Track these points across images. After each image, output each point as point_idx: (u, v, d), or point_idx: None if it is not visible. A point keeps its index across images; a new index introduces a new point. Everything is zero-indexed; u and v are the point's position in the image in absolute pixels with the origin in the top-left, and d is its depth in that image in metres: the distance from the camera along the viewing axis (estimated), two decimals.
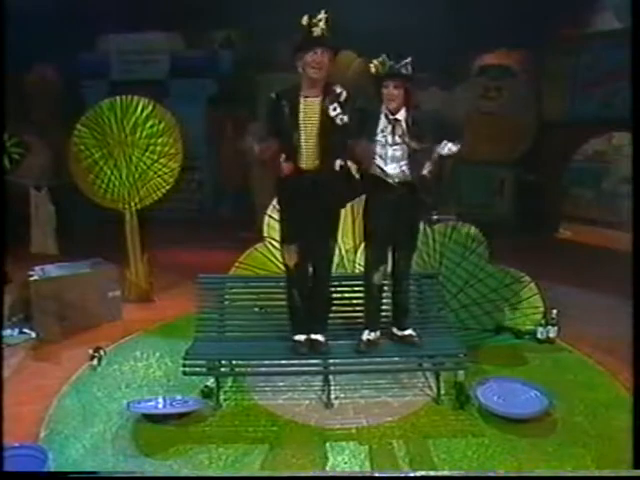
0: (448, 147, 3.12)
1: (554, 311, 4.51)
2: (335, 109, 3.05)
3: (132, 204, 5.55)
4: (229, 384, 3.79)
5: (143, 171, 5.46)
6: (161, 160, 5.45)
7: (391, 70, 3.12)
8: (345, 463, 2.97)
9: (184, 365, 3.40)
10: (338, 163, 3.13)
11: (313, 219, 3.21)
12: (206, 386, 3.63)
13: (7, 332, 4.61)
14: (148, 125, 5.39)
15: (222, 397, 3.57)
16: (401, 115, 3.17)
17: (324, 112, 3.07)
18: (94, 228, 8.39)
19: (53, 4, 8.14)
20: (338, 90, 3.11)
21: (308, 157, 3.12)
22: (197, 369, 3.45)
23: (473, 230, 4.51)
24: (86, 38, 9.70)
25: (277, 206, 3.48)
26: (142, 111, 5.38)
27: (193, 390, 3.66)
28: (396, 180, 3.21)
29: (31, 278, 4.76)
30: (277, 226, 3.91)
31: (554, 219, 8.93)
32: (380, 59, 3.19)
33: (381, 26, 8.09)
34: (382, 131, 3.19)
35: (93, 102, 5.78)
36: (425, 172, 3.20)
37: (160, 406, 3.44)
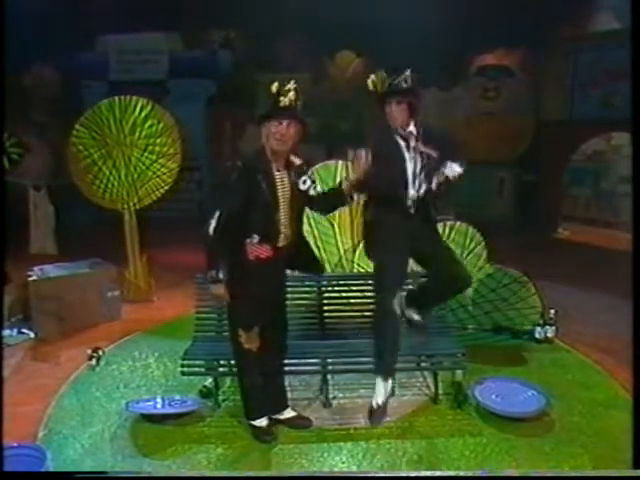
0: (452, 168, 2.95)
1: (552, 311, 4.51)
2: (305, 182, 2.90)
3: (131, 204, 5.56)
4: (227, 384, 3.79)
5: (142, 171, 5.47)
6: (160, 160, 5.45)
7: (391, 87, 2.88)
8: (343, 463, 2.97)
9: (183, 365, 3.41)
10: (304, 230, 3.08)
11: (277, 295, 3.08)
12: (204, 386, 3.64)
13: (6, 332, 4.62)
14: (147, 125, 5.40)
15: (220, 397, 3.58)
16: (412, 127, 2.95)
17: (295, 185, 2.90)
18: (93, 228, 8.41)
19: (53, 4, 8.14)
20: (297, 162, 2.94)
21: (286, 234, 2.92)
22: (196, 369, 3.45)
23: (471, 230, 4.51)
24: (85, 38, 9.71)
25: (230, 289, 2.89)
26: (141, 111, 5.39)
27: (192, 390, 3.67)
28: (414, 199, 2.98)
29: (30, 278, 4.77)
30: None
31: (553, 219, 8.93)
32: (377, 75, 2.93)
33: (381, 26, 8.11)
34: (395, 150, 2.95)
35: (92, 102, 5.80)
36: (434, 185, 3.01)
37: (159, 406, 3.43)
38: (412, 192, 2.95)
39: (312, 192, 2.92)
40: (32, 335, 4.70)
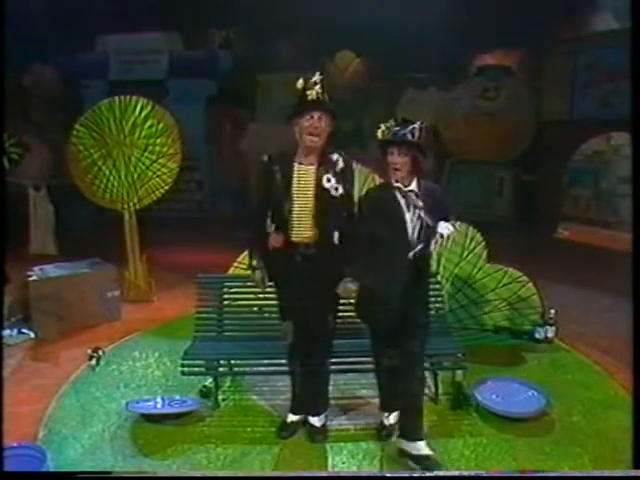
0: (447, 227, 2.73)
1: (552, 311, 4.51)
2: (329, 180, 2.80)
3: (131, 204, 5.56)
4: (227, 384, 3.80)
5: (142, 171, 5.47)
6: (160, 160, 5.45)
7: (395, 136, 2.70)
8: (343, 463, 2.97)
9: (183, 365, 3.41)
10: (336, 236, 2.86)
11: (308, 297, 2.88)
12: (204, 386, 3.64)
13: (6, 332, 4.61)
14: (147, 125, 5.40)
15: (220, 397, 3.58)
16: (414, 186, 2.77)
17: (318, 182, 2.81)
18: (93, 228, 8.41)
19: (52, 4, 8.15)
20: (335, 158, 2.86)
21: (299, 229, 2.84)
22: (196, 369, 3.45)
23: (472, 230, 4.51)
24: (85, 38, 9.71)
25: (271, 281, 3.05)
26: (141, 111, 5.39)
27: (192, 390, 3.67)
28: (411, 262, 2.81)
29: (30, 278, 4.77)
30: None
31: (553, 219, 8.94)
32: (387, 124, 2.78)
33: (381, 26, 8.11)
34: (395, 209, 2.77)
35: (92, 102, 5.81)
36: (432, 247, 2.90)
37: (159, 406, 3.43)
38: (410, 254, 2.78)
39: (333, 193, 2.82)
40: (32, 335, 4.70)
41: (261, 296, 3.77)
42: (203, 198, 10.69)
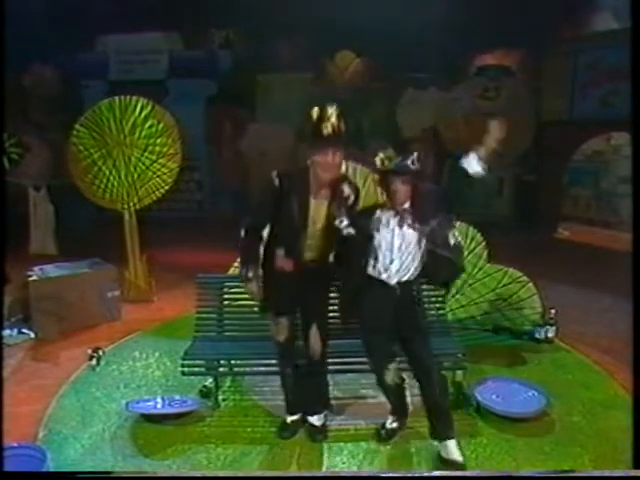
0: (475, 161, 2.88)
1: (552, 311, 4.52)
2: (342, 222, 2.79)
3: (131, 204, 5.56)
4: (228, 384, 3.80)
5: (142, 171, 5.47)
6: (160, 160, 5.46)
7: (397, 166, 2.81)
8: (343, 463, 2.97)
9: (183, 365, 3.41)
10: (332, 256, 2.95)
11: (306, 294, 2.96)
12: (205, 386, 3.64)
13: (6, 332, 4.61)
14: (147, 125, 5.40)
15: (220, 397, 3.58)
16: (407, 205, 2.90)
17: (330, 217, 2.83)
18: (93, 228, 8.41)
19: (52, 4, 8.15)
20: (346, 192, 2.83)
21: (308, 254, 2.92)
22: (196, 369, 3.45)
23: (472, 230, 4.51)
24: (85, 38, 9.71)
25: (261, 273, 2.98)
26: (141, 111, 5.39)
27: (192, 390, 3.67)
28: (398, 279, 2.92)
29: (30, 278, 4.77)
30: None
31: (553, 219, 8.94)
32: (386, 153, 2.88)
33: (381, 26, 8.11)
34: (387, 225, 2.88)
35: (92, 102, 5.81)
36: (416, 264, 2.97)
37: (159, 406, 3.44)
38: (396, 268, 2.88)
39: (344, 232, 2.81)
40: (32, 335, 4.70)
41: None
42: (203, 198, 10.70)
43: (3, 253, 4.70)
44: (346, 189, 2.84)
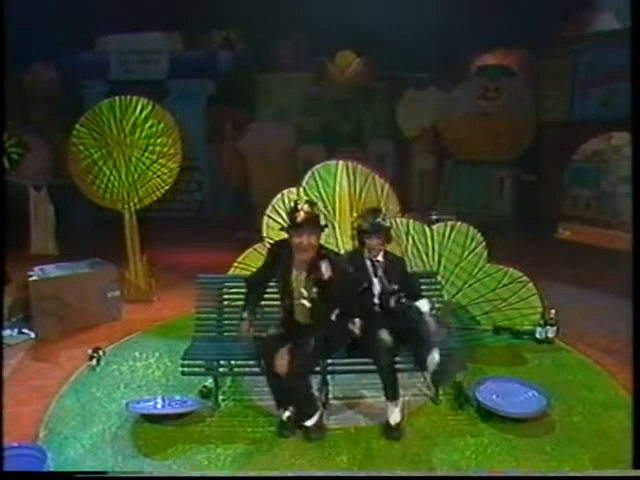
0: (425, 303, 3.33)
1: (553, 311, 4.52)
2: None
3: (131, 204, 5.56)
4: (228, 384, 3.80)
5: (142, 171, 5.47)
6: (160, 160, 5.46)
7: (372, 226, 3.43)
8: (343, 463, 2.97)
9: (183, 365, 3.41)
10: (334, 316, 3.22)
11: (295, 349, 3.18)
12: (205, 386, 3.64)
13: (7, 332, 4.62)
14: (147, 125, 5.40)
15: (221, 397, 3.58)
16: (381, 257, 3.49)
17: (307, 287, 3.15)
18: (93, 228, 8.42)
19: (52, 4, 8.14)
20: (324, 268, 3.12)
21: (298, 314, 3.25)
22: (196, 369, 3.45)
23: (472, 230, 4.51)
24: (85, 38, 9.70)
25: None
26: (141, 111, 5.39)
27: (192, 390, 3.67)
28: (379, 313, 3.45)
29: (30, 278, 4.77)
30: (276, 226, 3.93)
31: (553, 219, 8.94)
32: (361, 216, 3.60)
33: (381, 26, 8.11)
34: (364, 272, 3.44)
35: (92, 102, 5.81)
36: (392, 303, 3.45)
37: (159, 406, 3.44)
38: (377, 307, 3.44)
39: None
40: (32, 335, 4.70)
41: None
42: (203, 198, 10.69)
43: (3, 253, 4.71)
44: (323, 267, 3.13)
